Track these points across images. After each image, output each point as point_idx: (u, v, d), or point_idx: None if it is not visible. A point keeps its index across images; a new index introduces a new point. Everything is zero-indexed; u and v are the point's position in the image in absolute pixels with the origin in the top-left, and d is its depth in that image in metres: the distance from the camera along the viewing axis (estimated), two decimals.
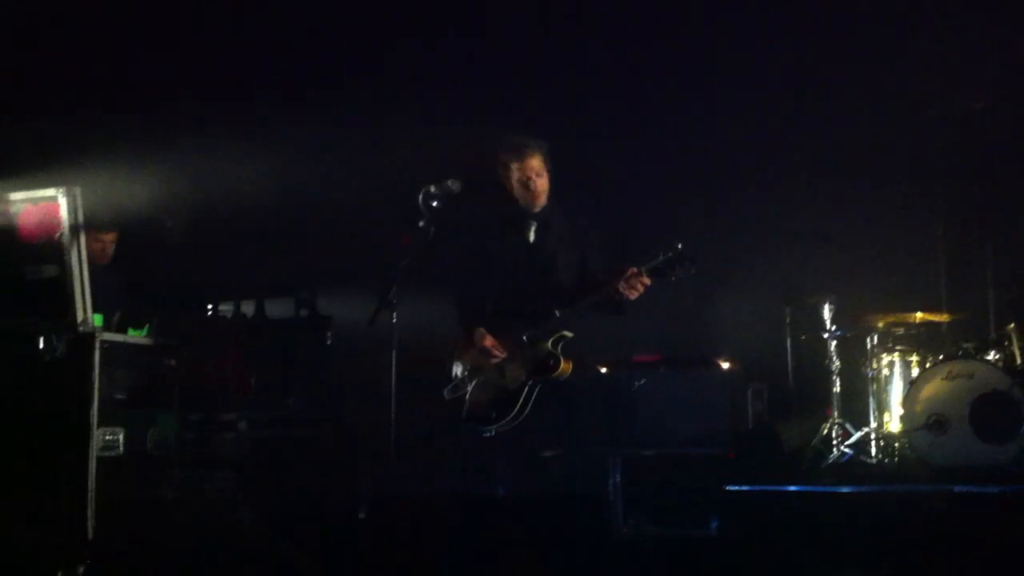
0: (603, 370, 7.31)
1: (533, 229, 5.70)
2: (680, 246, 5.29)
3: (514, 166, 5.60)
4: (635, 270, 5.31)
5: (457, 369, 5.72)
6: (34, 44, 7.98)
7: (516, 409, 5.46)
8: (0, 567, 5.16)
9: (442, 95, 8.42)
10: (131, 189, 7.02)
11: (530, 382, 5.48)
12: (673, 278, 5.32)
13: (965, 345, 7.01)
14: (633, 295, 5.34)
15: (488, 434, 5.55)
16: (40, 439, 5.42)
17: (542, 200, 5.65)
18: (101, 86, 8.33)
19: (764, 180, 8.34)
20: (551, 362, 5.46)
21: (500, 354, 5.55)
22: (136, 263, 7.41)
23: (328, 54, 8.54)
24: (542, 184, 5.61)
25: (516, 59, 8.36)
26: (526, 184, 5.60)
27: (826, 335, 7.44)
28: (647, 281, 5.32)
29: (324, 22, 8.47)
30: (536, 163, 5.59)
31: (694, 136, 8.33)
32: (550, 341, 5.49)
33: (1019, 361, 6.71)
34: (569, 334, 5.51)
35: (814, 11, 7.93)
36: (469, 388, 5.66)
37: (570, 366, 5.49)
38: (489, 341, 5.57)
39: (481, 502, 5.68)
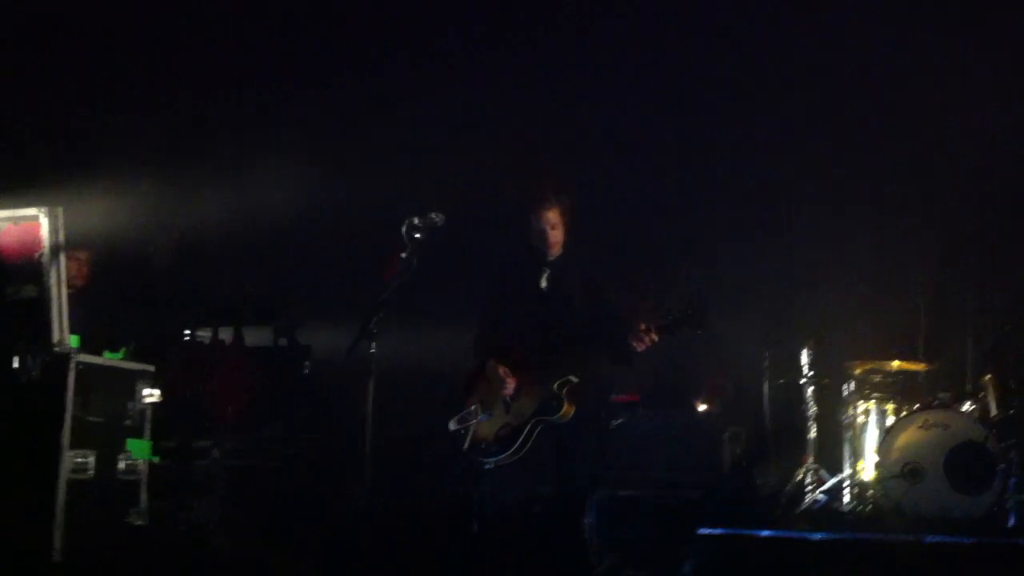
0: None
1: (546, 276, 5.82)
2: (689, 309, 5.39)
3: (533, 216, 5.74)
4: (645, 326, 5.41)
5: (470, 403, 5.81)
6: (14, 61, 7.98)
7: (516, 445, 5.55)
8: None
9: (434, 127, 8.47)
10: (111, 209, 7.00)
11: (533, 420, 5.57)
12: (678, 336, 5.41)
13: (941, 395, 7.03)
14: (640, 348, 5.45)
15: (488, 466, 5.66)
16: (10, 458, 5.37)
17: (555, 251, 5.80)
18: (84, 106, 8.33)
19: (748, 227, 8.38)
20: (554, 403, 5.55)
21: (512, 382, 5.63)
22: (116, 285, 7.38)
23: (314, 81, 8.57)
24: (555, 236, 5.76)
25: (518, 95, 8.43)
26: (541, 234, 5.75)
27: (803, 381, 7.45)
28: (655, 338, 5.43)
29: (312, 49, 8.51)
30: (553, 216, 5.73)
31: (680, 184, 8.40)
32: (555, 384, 5.57)
33: (994, 413, 6.72)
34: (575, 380, 5.59)
35: (803, 54, 8.03)
36: (474, 422, 5.73)
37: (572, 410, 5.59)
38: (503, 370, 5.69)
39: (456, 536, 5.71)
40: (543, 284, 5.80)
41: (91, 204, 6.62)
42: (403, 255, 5.38)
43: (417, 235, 5.38)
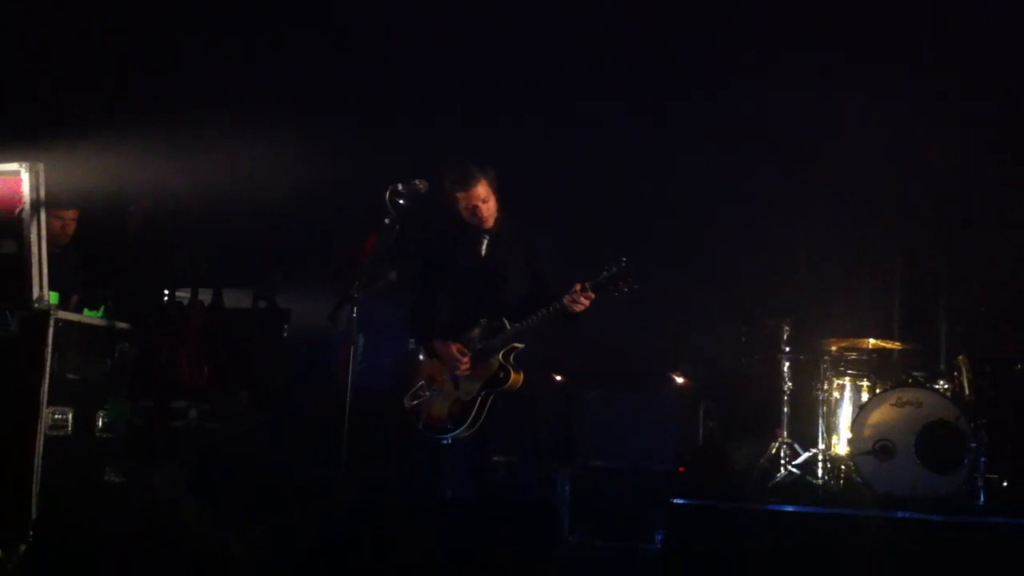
0: (558, 378, 7.35)
1: (485, 243, 5.80)
2: (624, 262, 5.37)
3: (460, 195, 5.69)
4: (580, 285, 5.40)
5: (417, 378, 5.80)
6: None
7: (470, 419, 5.58)
8: None
9: (409, 96, 8.44)
10: (95, 169, 6.96)
11: (483, 393, 5.59)
12: (616, 294, 5.39)
13: (915, 373, 7.11)
14: (578, 308, 5.42)
15: (445, 441, 5.68)
16: None
17: (491, 223, 5.76)
18: (70, 66, 8.26)
19: (728, 202, 8.41)
20: (502, 374, 5.57)
21: (467, 360, 5.61)
22: (96, 244, 7.34)
23: (295, 51, 8.52)
24: (488, 209, 5.72)
25: (484, 71, 8.40)
26: (473, 211, 5.71)
27: (780, 356, 7.51)
28: (592, 295, 5.41)
29: (292, 21, 8.46)
30: (482, 190, 5.69)
31: (658, 159, 8.41)
32: (501, 353, 5.59)
33: (967, 392, 6.80)
34: (520, 346, 5.60)
35: (778, 46, 8.05)
36: (426, 396, 5.74)
37: (521, 377, 5.60)
38: (457, 347, 5.67)
39: (429, 505, 5.72)
40: (483, 251, 5.78)
41: (72, 162, 6.57)
42: (386, 221, 5.38)
43: (401, 201, 5.38)
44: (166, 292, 7.70)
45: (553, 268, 5.76)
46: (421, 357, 5.85)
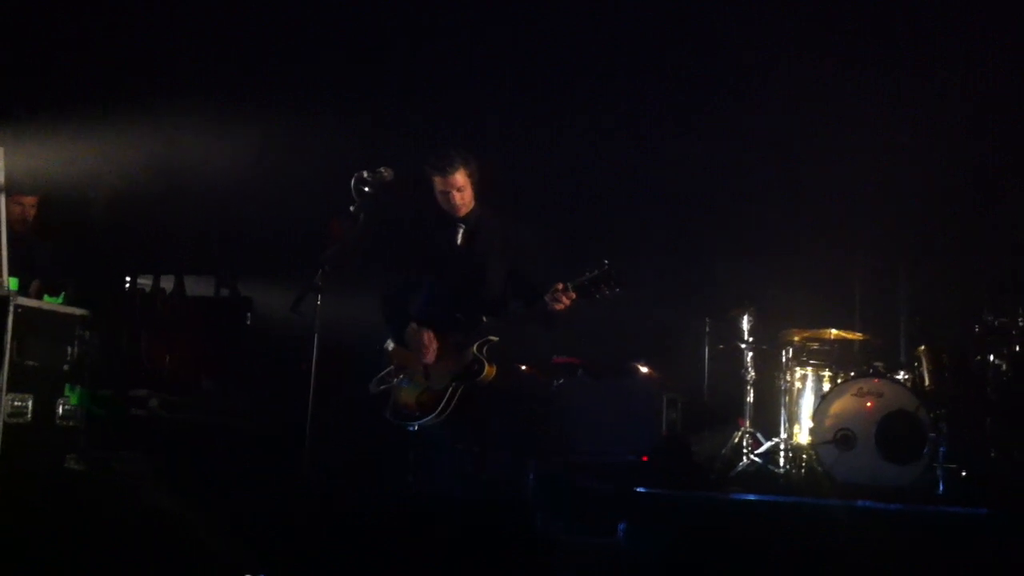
0: (523, 368, 7.35)
1: (461, 233, 5.72)
2: (607, 265, 5.32)
3: (437, 179, 5.63)
4: (562, 285, 5.34)
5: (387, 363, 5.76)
6: None
7: (439, 409, 5.51)
8: None
9: (378, 85, 8.40)
10: (56, 155, 6.88)
11: (454, 383, 5.53)
12: (598, 296, 5.35)
13: (876, 364, 7.17)
14: (559, 308, 5.37)
15: (411, 428, 5.62)
16: None
17: (464, 212, 5.70)
18: (29, 52, 8.16)
19: (693, 195, 8.45)
20: (475, 367, 5.51)
21: (433, 350, 5.59)
22: (56, 230, 7.27)
23: (259, 38, 8.46)
24: (461, 198, 5.65)
25: (457, 56, 8.38)
26: (447, 198, 5.64)
27: (743, 346, 7.55)
28: (573, 296, 5.36)
29: (255, 4, 8.39)
30: (459, 178, 5.61)
31: (627, 153, 8.44)
32: (475, 345, 5.53)
33: (927, 383, 6.86)
34: (495, 339, 5.55)
35: (745, 45, 8.10)
36: (395, 383, 5.69)
37: (494, 370, 5.54)
38: (428, 335, 5.62)
39: (393, 493, 5.69)
40: (459, 240, 5.71)
41: (32, 147, 6.50)
42: (351, 209, 5.35)
43: (366, 189, 5.34)
44: (128, 279, 7.63)
45: (534, 263, 5.72)
46: (390, 344, 5.80)
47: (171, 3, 8.26)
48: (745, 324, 7.57)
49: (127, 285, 7.68)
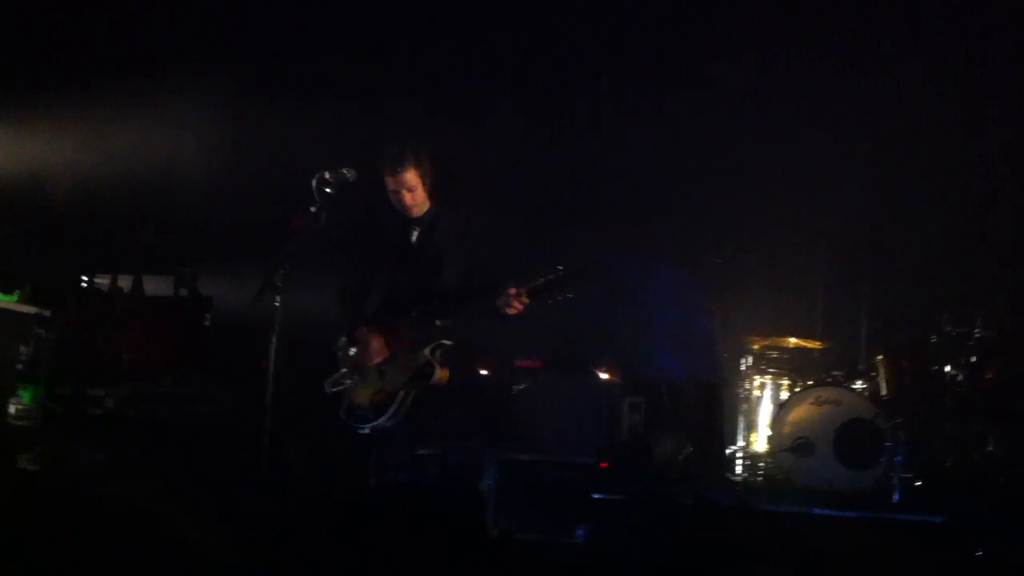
0: (483, 372, 7.32)
1: (416, 232, 5.69)
2: (560, 270, 5.27)
3: (388, 178, 5.57)
4: (514, 289, 5.28)
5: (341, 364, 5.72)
6: None
7: (392, 411, 5.48)
8: None
9: (341, 81, 8.36)
10: (8, 149, 6.79)
11: (407, 385, 5.50)
12: (551, 301, 5.32)
13: (835, 373, 7.23)
14: (511, 312, 5.31)
15: (364, 431, 5.57)
16: None
17: (415, 213, 5.65)
18: None
19: (652, 196, 8.45)
20: (427, 370, 5.47)
21: (382, 353, 5.55)
22: (10, 223, 7.17)
23: (222, 34, 8.38)
24: (412, 199, 5.58)
25: (418, 53, 8.34)
26: (397, 197, 5.59)
27: None
28: (526, 301, 5.31)
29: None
30: (410, 177, 5.54)
31: (589, 152, 8.43)
32: (428, 348, 5.49)
33: (884, 392, 6.91)
34: (448, 343, 5.52)
35: (721, 52, 8.12)
36: (348, 384, 5.66)
37: (447, 374, 5.50)
38: (377, 340, 5.57)
39: (353, 492, 5.66)
40: (413, 239, 5.67)
41: None
42: (312, 209, 5.30)
43: (328, 190, 5.30)
44: (85, 278, 7.53)
45: (491, 262, 5.66)
46: (343, 341, 5.75)
47: (127, 6, 8.16)
48: None
49: (84, 284, 7.58)
